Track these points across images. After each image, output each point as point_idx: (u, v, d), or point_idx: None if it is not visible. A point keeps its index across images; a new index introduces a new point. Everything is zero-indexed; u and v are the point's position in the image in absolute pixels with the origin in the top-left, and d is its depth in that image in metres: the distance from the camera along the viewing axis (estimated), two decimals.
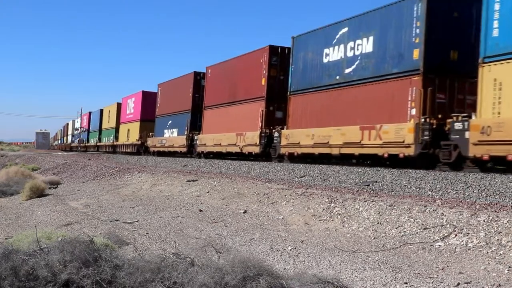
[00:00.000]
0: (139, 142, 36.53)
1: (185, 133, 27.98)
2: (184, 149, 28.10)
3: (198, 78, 27.88)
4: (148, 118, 35.85)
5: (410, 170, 12.33)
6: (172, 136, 30.62)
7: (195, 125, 27.39)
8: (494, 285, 5.12)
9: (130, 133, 39.55)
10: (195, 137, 26.83)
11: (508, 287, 5.07)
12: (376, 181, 11.10)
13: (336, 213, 8.61)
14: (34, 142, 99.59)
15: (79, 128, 64.48)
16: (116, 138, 43.77)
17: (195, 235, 8.50)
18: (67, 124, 79.59)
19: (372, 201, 8.53)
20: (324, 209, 8.93)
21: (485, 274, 5.44)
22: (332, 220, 8.41)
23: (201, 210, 10.72)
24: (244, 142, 21.78)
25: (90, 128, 57.00)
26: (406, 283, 5.37)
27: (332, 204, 8.95)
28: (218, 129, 24.40)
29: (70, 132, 75.95)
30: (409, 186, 10.14)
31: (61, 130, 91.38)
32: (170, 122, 31.10)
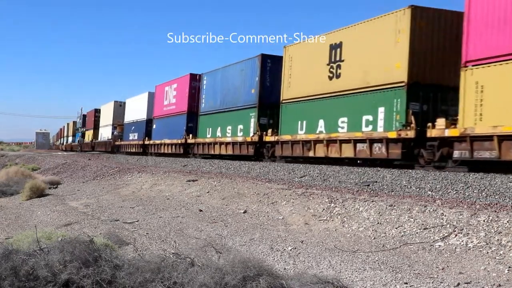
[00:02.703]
0: None
1: None
2: None
3: None
4: None
5: (410, 170, 12.33)
6: None
7: None
8: (494, 285, 5.12)
9: None
10: None
11: (508, 287, 5.07)
12: (376, 181, 11.10)
13: (336, 213, 8.61)
14: (31, 143, 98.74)
15: (141, 113, 36.47)
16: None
17: (195, 235, 8.50)
18: (94, 111, 53.17)
19: (372, 201, 8.53)
20: (324, 209, 8.93)
21: (485, 274, 5.44)
22: (332, 220, 8.41)
23: (201, 210, 10.72)
24: None
25: (202, 107, 26.23)
26: (406, 283, 5.37)
27: (332, 204, 8.95)
28: None
29: (104, 122, 47.76)
30: (409, 186, 10.14)
31: (73, 123, 67.26)
32: None
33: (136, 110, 38.30)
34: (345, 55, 15.70)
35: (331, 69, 16.12)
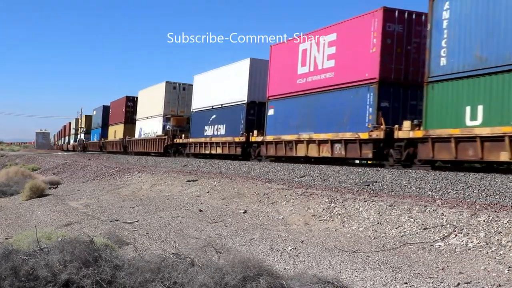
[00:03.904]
0: None
1: None
2: None
3: None
4: None
5: (410, 170, 12.33)
6: None
7: None
8: (494, 285, 5.12)
9: None
10: None
11: (508, 287, 5.07)
12: (376, 181, 11.10)
13: (336, 213, 8.61)
14: (32, 142, 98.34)
15: (233, 93, 23.35)
16: None
17: (195, 235, 8.50)
18: (124, 99, 39.53)
19: (372, 201, 8.53)
20: (324, 209, 8.93)
21: (485, 274, 5.44)
22: (332, 220, 8.41)
23: (201, 210, 10.72)
24: None
25: (446, 64, 12.37)
26: (406, 283, 5.37)
27: (332, 204, 8.95)
28: None
29: (145, 113, 34.78)
30: (409, 186, 10.14)
31: (87, 117, 54.45)
32: None
33: (219, 91, 24.77)
34: None
35: None
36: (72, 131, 65.24)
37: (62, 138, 75.86)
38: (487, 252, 5.98)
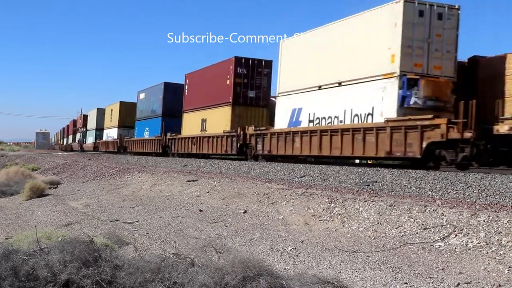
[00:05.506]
0: None
1: None
2: None
3: None
4: None
5: (410, 170, 12.33)
6: None
7: None
8: (494, 285, 5.12)
9: None
10: None
11: (508, 287, 5.07)
12: (376, 181, 11.09)
13: (336, 213, 8.61)
14: (34, 142, 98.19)
15: None
16: None
17: (195, 235, 8.50)
18: (241, 62, 21.80)
19: (372, 201, 8.53)
20: (324, 209, 8.93)
21: (485, 274, 5.45)
22: (332, 220, 8.41)
23: (201, 210, 10.72)
24: None
25: None
26: (406, 283, 5.37)
27: (332, 204, 8.95)
28: None
29: (380, 62, 13.74)
30: (409, 186, 10.14)
31: (122, 104, 39.25)
32: None
33: None
34: None
35: None
36: (92, 126, 47.45)
37: (70, 136, 60.45)
38: (487, 252, 5.99)
